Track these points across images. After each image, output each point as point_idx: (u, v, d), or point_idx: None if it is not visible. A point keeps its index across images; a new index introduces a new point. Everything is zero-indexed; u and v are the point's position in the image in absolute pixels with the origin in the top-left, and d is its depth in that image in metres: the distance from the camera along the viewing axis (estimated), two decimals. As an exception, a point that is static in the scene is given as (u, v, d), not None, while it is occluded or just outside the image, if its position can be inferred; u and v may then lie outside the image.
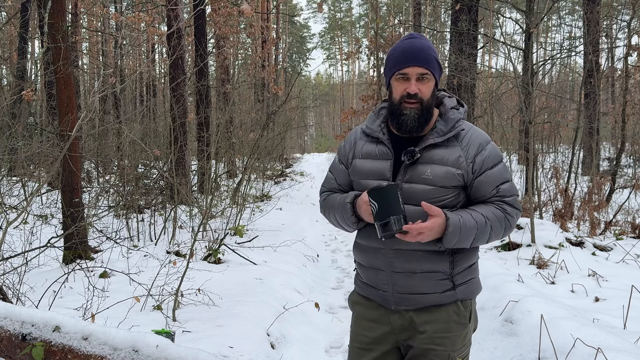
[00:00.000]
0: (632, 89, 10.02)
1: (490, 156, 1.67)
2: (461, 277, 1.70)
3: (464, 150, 1.66)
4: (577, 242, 5.96)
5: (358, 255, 1.83)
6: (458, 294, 1.70)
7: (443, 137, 1.66)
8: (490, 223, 1.62)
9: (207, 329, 3.37)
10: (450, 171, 1.64)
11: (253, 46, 19.86)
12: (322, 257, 6.57)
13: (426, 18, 26.04)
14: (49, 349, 1.66)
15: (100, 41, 20.75)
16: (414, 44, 1.66)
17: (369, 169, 1.74)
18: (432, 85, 1.67)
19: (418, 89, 1.64)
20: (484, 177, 1.66)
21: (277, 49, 25.70)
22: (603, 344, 2.68)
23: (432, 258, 1.66)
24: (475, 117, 10.67)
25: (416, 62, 1.63)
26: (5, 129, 7.55)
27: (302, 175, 17.26)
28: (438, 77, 1.69)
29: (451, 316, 1.70)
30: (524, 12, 9.06)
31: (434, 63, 1.65)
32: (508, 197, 1.68)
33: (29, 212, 7.17)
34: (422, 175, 1.64)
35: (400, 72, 1.65)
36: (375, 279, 1.76)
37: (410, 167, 1.66)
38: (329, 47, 52.93)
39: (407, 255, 1.67)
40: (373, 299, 1.80)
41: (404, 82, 1.65)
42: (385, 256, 1.70)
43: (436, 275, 1.67)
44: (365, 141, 1.80)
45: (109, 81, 7.27)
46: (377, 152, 1.74)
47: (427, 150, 1.67)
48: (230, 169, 12.06)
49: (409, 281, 1.68)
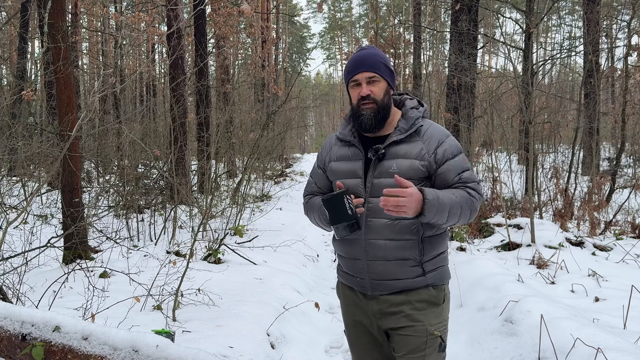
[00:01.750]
0: (632, 89, 10.01)
1: (450, 147, 1.84)
2: (431, 265, 1.85)
3: (425, 143, 1.83)
4: (577, 242, 5.96)
5: (337, 247, 1.98)
6: (428, 279, 1.85)
7: (405, 133, 1.84)
8: (459, 201, 1.76)
9: (207, 329, 3.37)
10: (414, 163, 1.80)
11: (253, 46, 19.86)
12: (322, 257, 6.57)
13: (426, 18, 26.02)
14: (49, 349, 1.66)
15: (100, 41, 20.75)
16: (362, 53, 1.87)
17: (343, 169, 1.92)
18: (383, 86, 1.85)
19: (370, 91, 1.83)
20: (445, 166, 1.82)
21: (277, 49, 25.71)
22: (603, 344, 2.68)
23: (403, 246, 1.81)
24: (475, 117, 10.68)
25: (363, 68, 1.83)
26: (5, 129, 7.54)
27: (302, 175, 17.26)
28: (389, 78, 1.86)
29: (423, 296, 1.85)
30: (524, 12, 9.06)
31: (380, 66, 1.84)
32: (470, 182, 1.83)
33: (29, 212, 7.17)
34: (389, 170, 1.80)
35: (352, 79, 1.86)
36: (353, 268, 1.91)
37: (378, 163, 1.83)
38: (329, 47, 52.90)
39: (382, 245, 1.82)
40: (353, 286, 1.96)
41: (357, 88, 1.86)
42: (362, 246, 1.85)
43: (407, 262, 1.83)
44: (339, 145, 1.98)
45: (109, 81, 7.26)
46: (350, 153, 1.92)
47: (392, 146, 1.84)
48: (230, 169, 12.06)
49: (383, 268, 1.84)
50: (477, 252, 5.86)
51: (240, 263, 5.37)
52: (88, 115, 5.41)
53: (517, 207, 7.77)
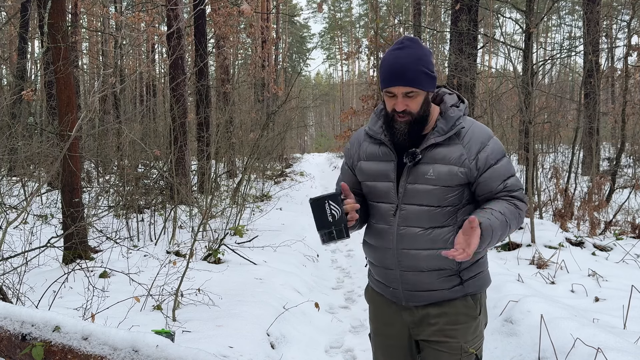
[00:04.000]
0: (632, 89, 10.01)
1: (494, 152, 1.67)
2: (468, 272, 1.73)
3: (466, 147, 1.66)
4: (577, 242, 5.96)
5: (368, 253, 1.87)
6: (466, 288, 1.73)
7: (444, 136, 1.66)
8: (509, 220, 1.62)
9: (207, 329, 3.37)
10: (452, 170, 1.64)
11: (253, 46, 19.86)
12: (322, 257, 6.57)
13: (426, 18, 26.02)
14: (49, 349, 1.66)
15: (100, 41, 20.75)
16: (400, 59, 1.61)
17: (374, 170, 1.76)
18: (421, 99, 1.65)
19: (406, 105, 1.63)
20: (489, 174, 1.66)
21: (277, 49, 25.70)
22: (603, 344, 2.68)
23: (438, 256, 1.67)
24: (475, 117, 10.67)
25: (401, 82, 1.60)
26: (5, 129, 7.54)
27: (302, 175, 17.26)
28: (429, 87, 1.65)
29: (460, 309, 1.73)
30: (524, 12, 9.06)
31: (420, 79, 1.61)
32: (516, 191, 1.69)
33: (29, 212, 7.16)
34: (425, 176, 1.66)
35: (387, 90, 1.65)
36: (385, 277, 1.80)
37: (412, 168, 1.68)
38: (329, 47, 52.91)
39: (414, 255, 1.69)
40: (385, 295, 1.85)
41: (391, 99, 1.66)
42: (394, 256, 1.73)
43: (443, 272, 1.70)
44: (369, 142, 1.81)
45: (109, 81, 7.26)
46: (381, 153, 1.76)
47: (429, 150, 1.67)
48: (230, 169, 12.06)
49: (417, 279, 1.72)
50: (477, 252, 5.85)
51: (240, 263, 5.37)
52: (88, 115, 5.41)
53: (517, 207, 7.75)
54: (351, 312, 4.49)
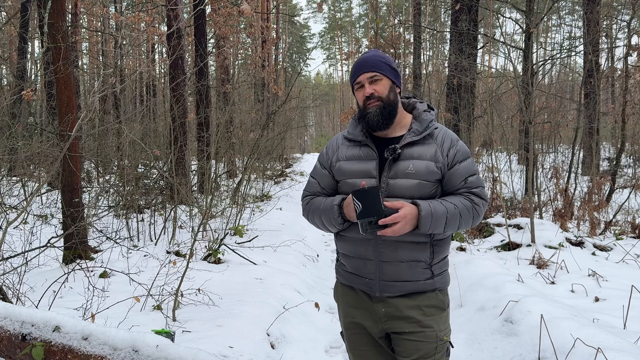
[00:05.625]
0: (632, 89, 10.01)
1: (460, 151, 1.85)
2: (438, 268, 1.87)
3: (439, 145, 1.84)
4: (577, 242, 5.96)
5: (343, 246, 1.95)
6: (436, 283, 1.87)
7: (419, 135, 1.84)
8: (459, 210, 1.78)
9: (207, 329, 3.37)
10: (429, 165, 1.80)
11: (253, 46, 19.86)
12: (322, 257, 6.57)
13: (426, 18, 26.02)
14: (49, 349, 1.66)
15: (100, 41, 20.75)
16: (363, 56, 1.89)
17: (355, 169, 1.88)
18: (387, 83, 1.85)
19: (373, 89, 1.83)
20: (454, 170, 1.83)
21: (277, 49, 25.71)
22: (603, 344, 2.68)
23: (416, 248, 1.81)
24: (475, 117, 10.67)
25: (364, 69, 1.85)
26: (5, 129, 7.54)
27: (302, 175, 17.26)
28: (392, 76, 1.86)
29: (432, 301, 1.86)
30: (524, 12, 9.05)
31: (381, 65, 1.84)
32: (474, 188, 1.84)
33: (29, 212, 7.16)
34: (406, 171, 1.80)
35: (355, 82, 1.88)
36: (362, 268, 1.88)
37: (393, 164, 1.82)
38: (329, 47, 52.91)
39: (396, 245, 1.81)
40: (357, 287, 1.92)
41: (361, 89, 1.86)
42: (375, 246, 1.83)
43: (419, 264, 1.83)
44: (348, 145, 1.95)
45: (109, 81, 7.26)
46: (362, 153, 1.89)
47: (407, 147, 1.83)
48: (230, 169, 12.06)
49: (395, 269, 1.82)
50: (477, 252, 5.86)
51: (240, 263, 5.37)
52: (88, 115, 5.41)
53: (517, 207, 7.77)
54: (351, 312, 4.48)
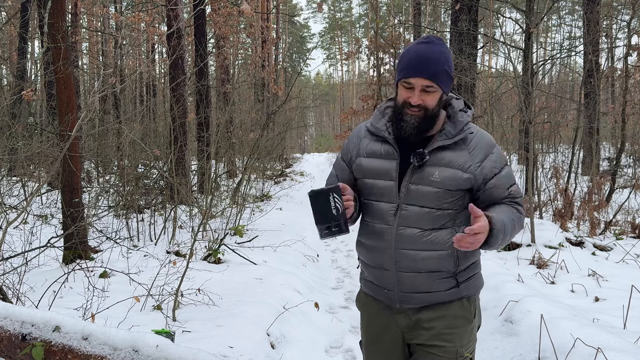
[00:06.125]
0: (632, 89, 10.01)
1: (498, 160, 1.69)
2: (464, 274, 1.72)
3: (471, 154, 1.66)
4: (577, 242, 5.96)
5: (362, 254, 1.83)
6: (462, 291, 1.72)
7: (451, 139, 1.66)
8: (515, 223, 1.66)
9: (207, 329, 3.37)
10: (457, 174, 1.64)
11: (253, 46, 19.86)
12: (322, 257, 6.57)
13: (426, 18, 26.04)
14: (49, 349, 1.66)
15: (100, 41, 20.75)
16: (425, 52, 1.61)
17: (375, 168, 1.73)
18: (438, 96, 1.64)
19: (421, 100, 1.62)
20: (495, 181, 1.68)
21: (277, 49, 25.71)
22: (603, 344, 2.68)
23: (437, 257, 1.67)
24: (475, 117, 10.66)
25: (422, 74, 1.59)
26: (5, 129, 7.54)
27: (302, 175, 17.26)
28: (446, 87, 1.65)
29: (457, 312, 1.72)
30: (524, 12, 9.05)
31: (441, 76, 1.61)
32: (518, 197, 1.72)
33: (29, 212, 7.16)
34: (430, 178, 1.64)
35: (405, 80, 1.63)
36: (380, 278, 1.76)
37: (418, 169, 1.66)
38: (329, 47, 52.93)
39: (413, 255, 1.68)
40: (379, 298, 1.81)
41: (408, 91, 1.63)
42: (392, 256, 1.70)
43: (440, 274, 1.69)
44: (370, 139, 1.78)
45: (109, 81, 7.27)
46: (383, 151, 1.73)
47: (435, 152, 1.66)
48: (230, 169, 12.06)
49: (414, 280, 1.69)
50: (477, 252, 5.85)
51: (240, 263, 5.37)
52: (88, 115, 5.41)
53: (517, 207, 7.75)
54: (351, 312, 4.49)
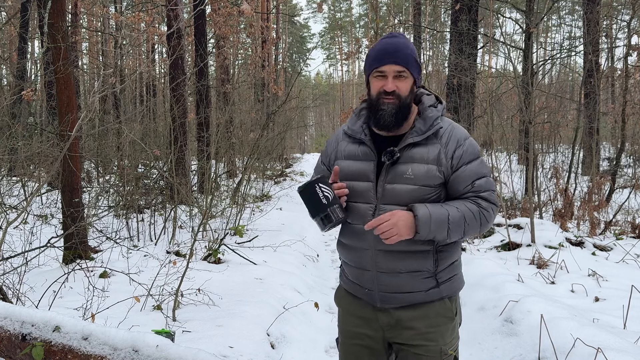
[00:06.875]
0: (632, 89, 10.01)
1: (468, 151, 1.68)
2: (444, 274, 1.72)
3: (444, 146, 1.67)
4: (577, 242, 5.96)
5: (343, 253, 1.84)
6: (443, 291, 1.72)
7: (422, 135, 1.68)
8: (463, 214, 1.63)
9: (207, 329, 3.37)
10: (431, 169, 1.65)
11: (253, 46, 19.86)
12: (322, 257, 6.57)
13: (426, 18, 26.04)
14: (49, 349, 1.66)
15: (100, 41, 20.75)
16: (392, 42, 1.67)
17: (353, 170, 1.74)
18: (410, 83, 1.68)
19: (395, 86, 1.65)
20: (460, 172, 1.67)
21: (277, 49, 25.70)
22: (603, 344, 2.68)
23: (417, 257, 1.68)
24: (475, 117, 10.67)
25: (393, 61, 1.64)
26: (5, 129, 7.54)
27: (302, 175, 17.26)
28: (416, 75, 1.69)
29: (438, 311, 1.72)
30: (524, 12, 9.06)
31: (411, 62, 1.67)
32: (483, 192, 1.68)
33: (29, 212, 7.16)
34: (404, 175, 1.66)
35: (377, 69, 1.67)
36: (361, 278, 1.77)
37: (391, 167, 1.67)
38: (329, 47, 52.93)
39: (393, 255, 1.68)
40: (359, 296, 1.81)
41: (381, 80, 1.67)
42: (371, 256, 1.71)
43: (421, 274, 1.69)
44: (347, 142, 1.81)
45: (109, 81, 7.27)
46: (360, 153, 1.75)
47: (407, 149, 1.68)
48: (230, 169, 12.06)
49: (394, 280, 1.70)
50: (477, 252, 5.86)
51: (240, 263, 5.37)
52: (88, 115, 5.41)
53: (517, 207, 7.78)
54: (351, 312, 4.49)
